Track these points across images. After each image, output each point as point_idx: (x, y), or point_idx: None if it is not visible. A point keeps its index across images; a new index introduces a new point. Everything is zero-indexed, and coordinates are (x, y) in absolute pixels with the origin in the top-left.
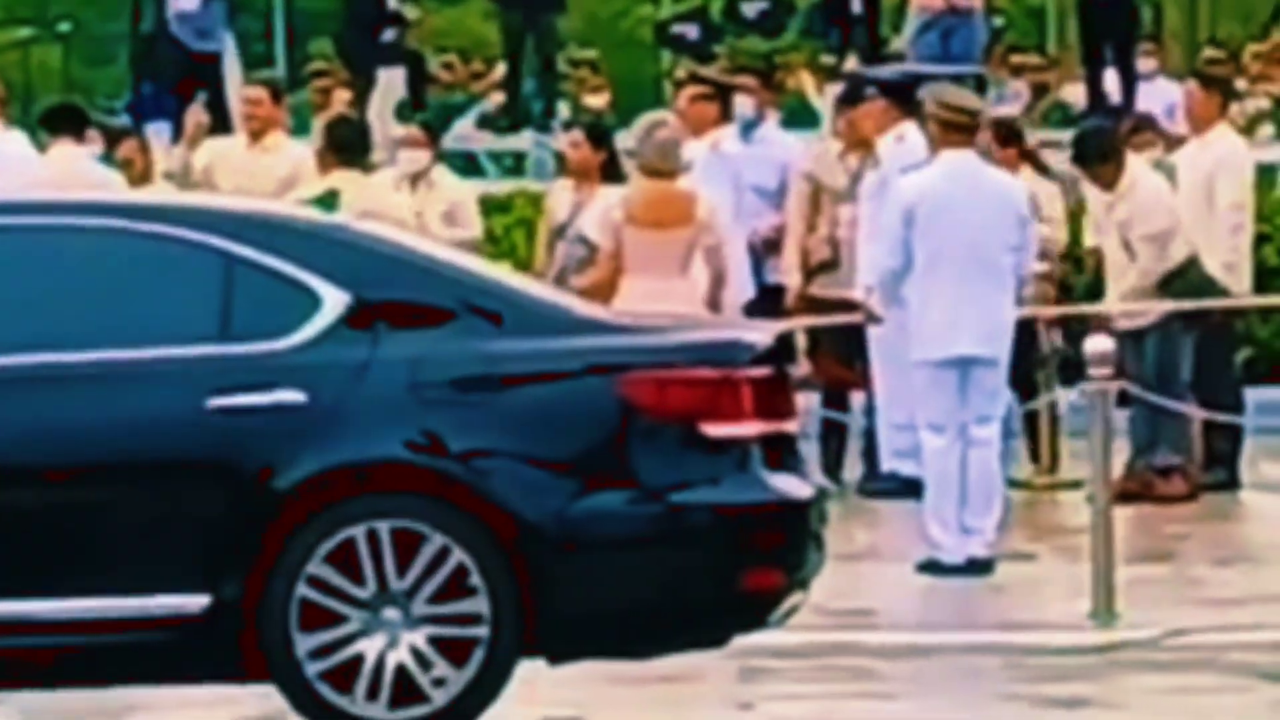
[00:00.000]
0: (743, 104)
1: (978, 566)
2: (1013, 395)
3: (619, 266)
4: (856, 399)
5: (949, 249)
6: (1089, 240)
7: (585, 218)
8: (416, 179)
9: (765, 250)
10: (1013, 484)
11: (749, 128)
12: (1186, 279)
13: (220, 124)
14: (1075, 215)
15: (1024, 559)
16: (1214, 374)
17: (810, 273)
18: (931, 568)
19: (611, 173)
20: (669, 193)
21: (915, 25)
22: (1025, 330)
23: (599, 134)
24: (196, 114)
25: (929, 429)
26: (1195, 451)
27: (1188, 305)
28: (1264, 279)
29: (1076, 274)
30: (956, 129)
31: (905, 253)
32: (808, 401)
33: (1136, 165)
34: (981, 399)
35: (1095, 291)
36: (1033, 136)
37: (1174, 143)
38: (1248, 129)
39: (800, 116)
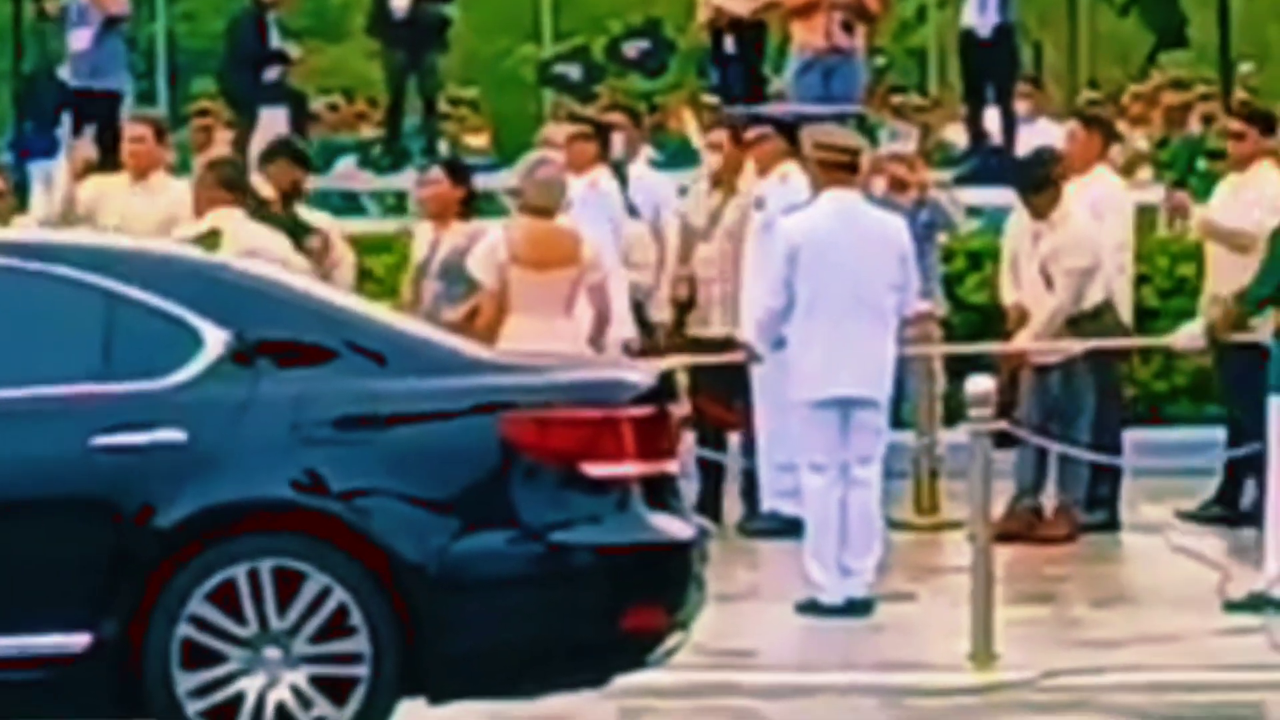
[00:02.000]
0: (614, 143)
1: (857, 607)
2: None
3: (503, 306)
4: (734, 438)
5: (830, 288)
6: (1007, 295)
7: (470, 256)
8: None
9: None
10: (893, 524)
11: (618, 166)
12: (1100, 322)
13: (116, 162)
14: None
15: (904, 599)
16: (1096, 414)
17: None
18: (811, 608)
19: (469, 210)
20: (553, 232)
21: (796, 66)
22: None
23: (457, 170)
24: (82, 149)
25: (809, 469)
26: (1082, 493)
27: (1092, 343)
28: (1143, 319)
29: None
30: (838, 168)
31: (787, 292)
32: (687, 441)
33: (1070, 199)
34: (862, 439)
35: (979, 334)
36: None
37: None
38: (1126, 170)
39: (682, 156)
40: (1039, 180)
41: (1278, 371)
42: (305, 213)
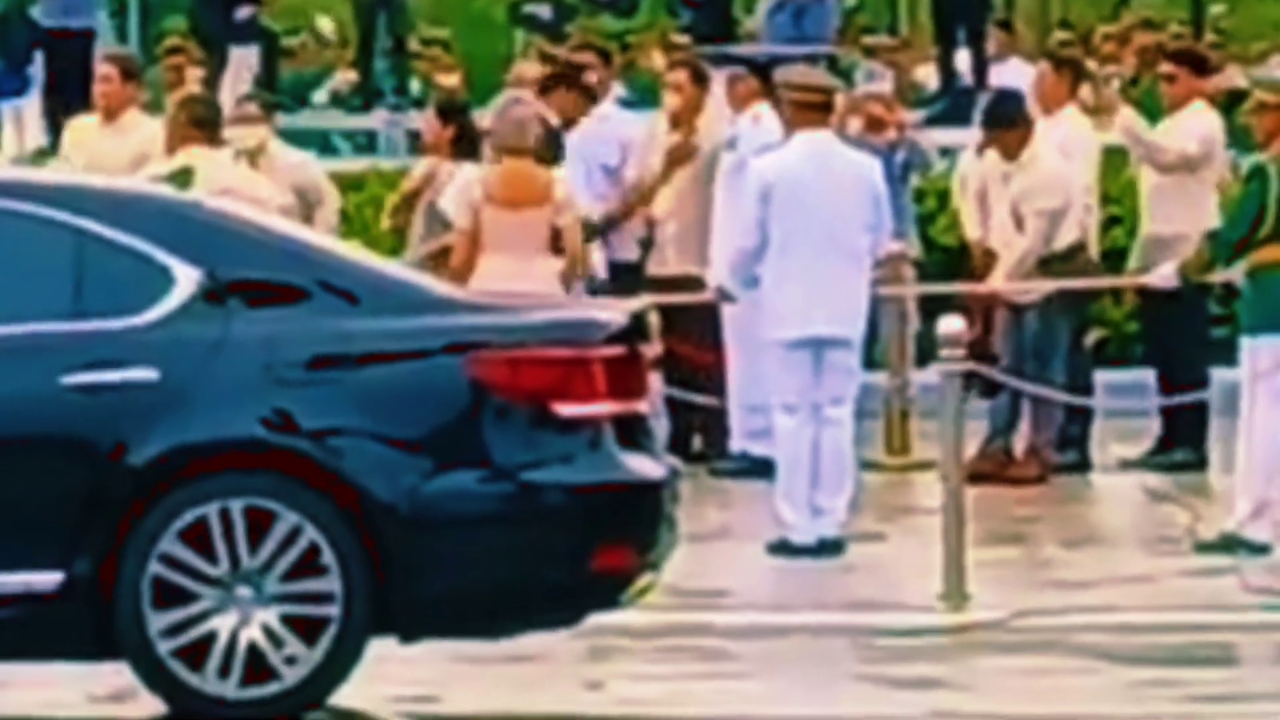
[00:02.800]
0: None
1: (828, 547)
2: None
3: (477, 245)
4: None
5: (804, 229)
6: (971, 231)
7: (444, 195)
8: (254, 155)
9: (606, 227)
10: (864, 465)
11: None
12: (1072, 263)
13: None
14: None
15: (875, 540)
16: (1068, 355)
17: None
18: (782, 548)
19: (464, 149)
20: (527, 172)
21: (768, 6)
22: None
23: (448, 110)
24: None
25: (781, 409)
26: (1054, 434)
27: (1067, 284)
28: (1116, 260)
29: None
30: (811, 109)
31: (760, 233)
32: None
33: (1040, 140)
34: (835, 380)
35: (951, 274)
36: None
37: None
38: (1097, 111)
39: (653, 96)
40: (1009, 120)
41: (1249, 313)
42: (287, 152)
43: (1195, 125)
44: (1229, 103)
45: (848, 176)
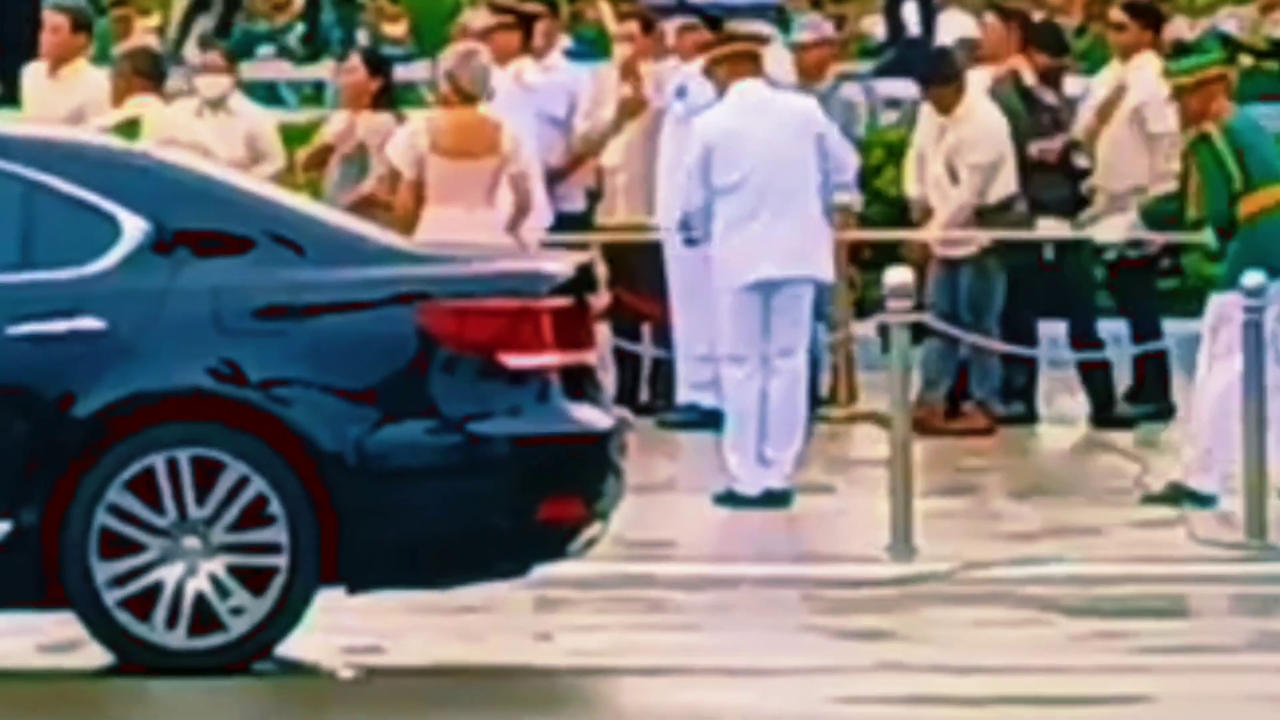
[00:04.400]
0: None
1: (775, 498)
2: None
3: (421, 195)
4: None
5: (749, 177)
6: (911, 188)
7: (390, 144)
8: (216, 106)
9: (553, 179)
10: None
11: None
12: (1006, 216)
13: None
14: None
15: (822, 491)
16: (1009, 308)
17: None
18: (729, 499)
19: (385, 100)
20: (475, 121)
21: None
22: None
23: (375, 60)
24: None
25: (730, 360)
26: (995, 385)
27: (1007, 235)
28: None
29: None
30: (744, 59)
31: (705, 189)
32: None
33: (975, 93)
34: (784, 329)
35: (896, 226)
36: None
37: None
38: None
39: (601, 47)
40: (942, 75)
41: (1230, 265)
42: (246, 104)
43: (1146, 76)
44: (1173, 54)
45: (786, 120)
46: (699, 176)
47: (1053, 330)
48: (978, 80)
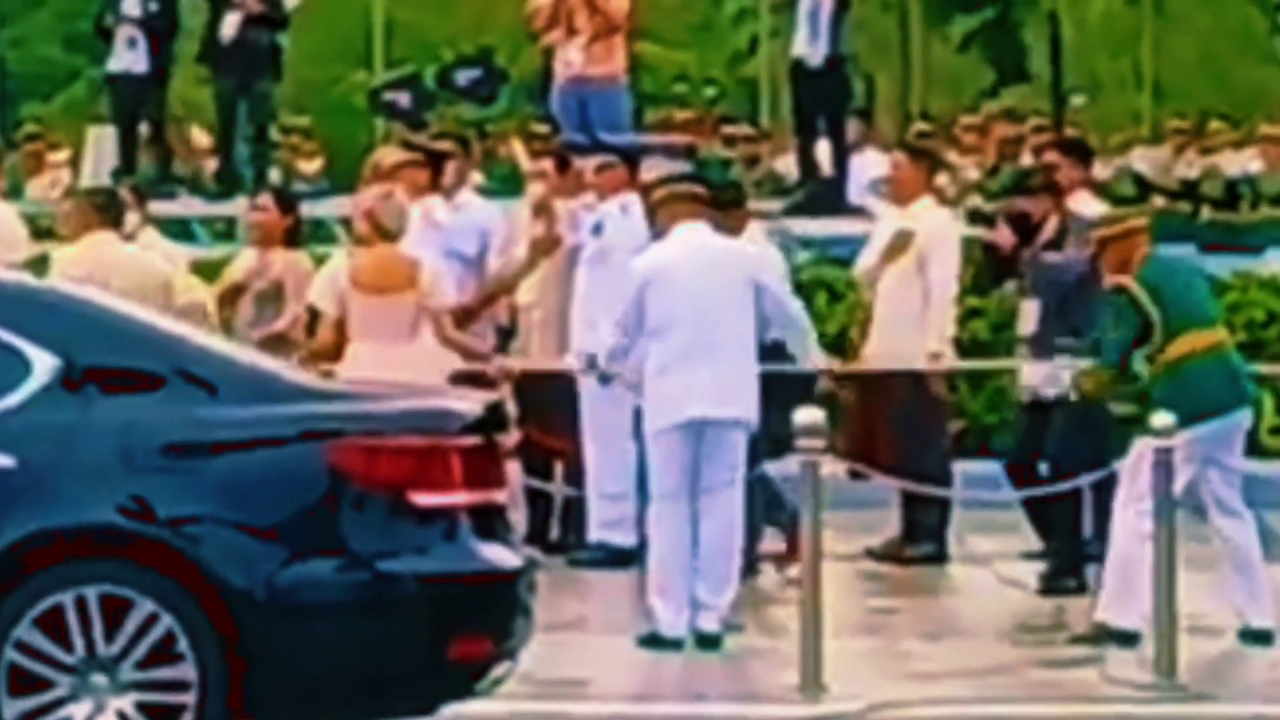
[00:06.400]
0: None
1: (705, 641)
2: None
3: (343, 331)
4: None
5: (681, 318)
6: None
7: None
8: (127, 241)
9: (465, 317)
10: None
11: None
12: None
13: None
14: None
15: (733, 630)
16: (922, 446)
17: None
18: (652, 641)
19: (296, 238)
20: (393, 258)
21: (556, 94)
22: None
23: (285, 199)
24: None
25: (659, 497)
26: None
27: (897, 368)
28: (976, 352)
29: None
30: (686, 201)
31: (634, 328)
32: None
33: (885, 231)
34: (716, 470)
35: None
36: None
37: None
38: (957, 201)
39: (513, 184)
40: (732, 201)
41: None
42: (160, 241)
43: (1086, 213)
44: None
45: (722, 264)
46: (633, 314)
47: (963, 468)
48: (890, 218)
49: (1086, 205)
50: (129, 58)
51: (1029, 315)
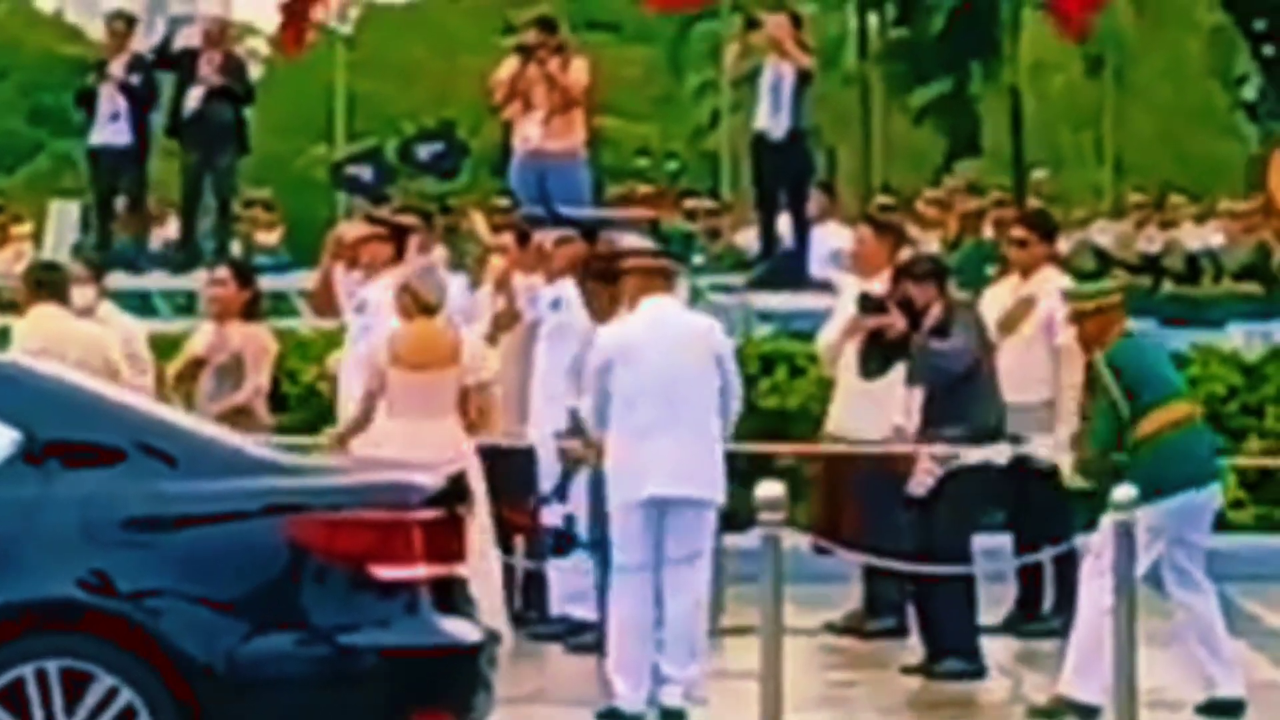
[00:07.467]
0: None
1: (670, 716)
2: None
3: (371, 407)
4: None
5: (644, 393)
6: None
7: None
8: (83, 315)
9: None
10: None
11: None
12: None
13: None
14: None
15: (694, 704)
16: (890, 519)
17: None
18: (612, 715)
19: (254, 311)
20: (434, 333)
21: (515, 167)
22: None
23: (246, 273)
24: None
25: (619, 572)
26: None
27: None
28: None
29: None
30: (656, 274)
31: (601, 403)
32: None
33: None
34: (680, 542)
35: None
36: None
37: None
38: None
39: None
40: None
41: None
42: (117, 315)
43: (1053, 289)
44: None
45: (685, 338)
46: (597, 387)
47: None
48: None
49: (1054, 280)
50: (110, 130)
51: (914, 404)
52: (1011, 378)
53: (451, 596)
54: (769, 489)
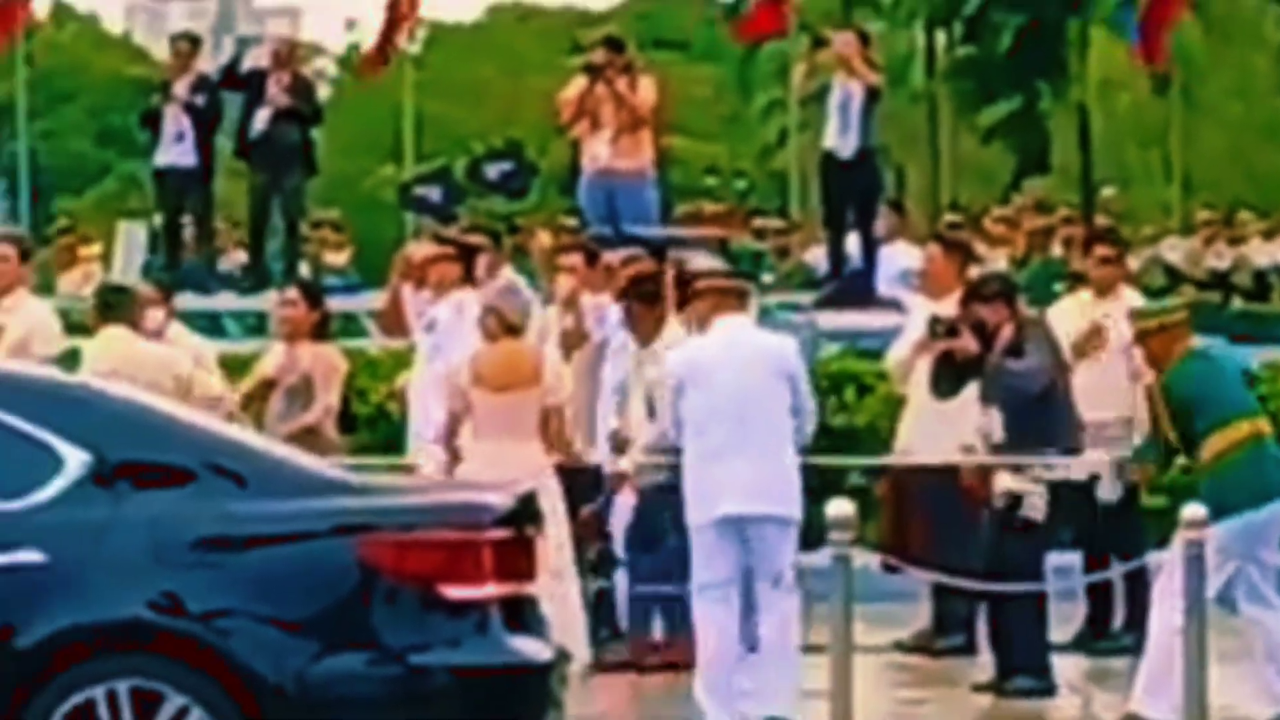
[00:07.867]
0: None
1: None
2: None
3: (456, 428)
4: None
5: (718, 412)
6: None
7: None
8: (153, 337)
9: None
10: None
11: None
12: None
13: None
14: None
15: None
16: (960, 536)
17: None
18: None
19: (324, 332)
20: (517, 354)
21: (583, 185)
22: None
23: (315, 293)
24: None
25: (700, 592)
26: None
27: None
28: None
29: None
30: (729, 295)
31: (678, 426)
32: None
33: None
34: (762, 560)
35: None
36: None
37: None
38: None
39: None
40: (647, 299)
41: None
42: (182, 336)
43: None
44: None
45: (758, 358)
46: (672, 410)
47: None
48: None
49: (1128, 299)
50: (175, 150)
51: (994, 424)
52: (1088, 395)
53: (522, 616)
54: (839, 508)
